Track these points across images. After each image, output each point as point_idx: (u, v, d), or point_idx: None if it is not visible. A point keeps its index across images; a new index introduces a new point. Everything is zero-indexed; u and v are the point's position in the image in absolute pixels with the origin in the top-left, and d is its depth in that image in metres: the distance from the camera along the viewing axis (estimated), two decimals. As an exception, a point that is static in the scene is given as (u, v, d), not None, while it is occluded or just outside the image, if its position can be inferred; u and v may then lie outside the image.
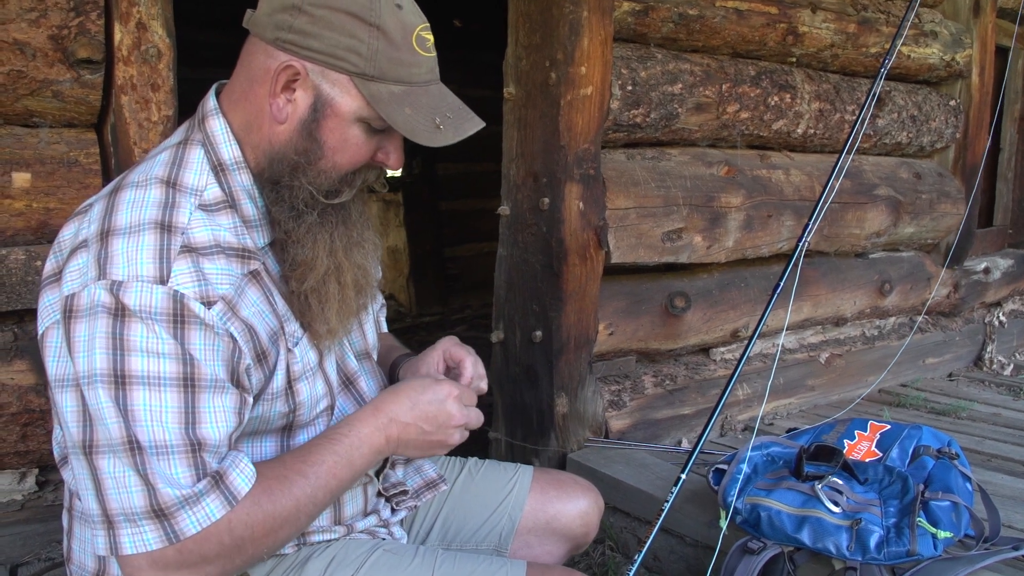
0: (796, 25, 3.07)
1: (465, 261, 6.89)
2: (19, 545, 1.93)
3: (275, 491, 1.15)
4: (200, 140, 1.23)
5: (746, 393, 3.11)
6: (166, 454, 1.08)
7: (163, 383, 1.08)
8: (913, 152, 3.87)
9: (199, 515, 1.09)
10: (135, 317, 1.07)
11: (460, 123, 1.24)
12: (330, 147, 1.21)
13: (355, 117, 1.20)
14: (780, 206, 3.11)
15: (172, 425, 1.08)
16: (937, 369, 4.03)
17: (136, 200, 1.14)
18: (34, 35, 1.71)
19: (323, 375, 1.33)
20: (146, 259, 1.09)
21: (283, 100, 1.20)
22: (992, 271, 4.36)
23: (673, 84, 2.73)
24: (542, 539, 1.65)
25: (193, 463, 1.09)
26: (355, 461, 1.23)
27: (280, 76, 1.18)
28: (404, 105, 1.19)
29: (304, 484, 1.18)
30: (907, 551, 1.82)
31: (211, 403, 1.12)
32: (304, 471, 1.19)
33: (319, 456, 1.21)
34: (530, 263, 2.64)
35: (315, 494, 1.19)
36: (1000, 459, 2.82)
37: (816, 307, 3.40)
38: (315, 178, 1.22)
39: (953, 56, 3.77)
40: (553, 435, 2.65)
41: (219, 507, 1.10)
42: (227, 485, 1.12)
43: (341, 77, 1.18)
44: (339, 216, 1.27)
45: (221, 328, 1.13)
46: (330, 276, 1.26)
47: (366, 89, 1.18)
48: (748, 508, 1.99)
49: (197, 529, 1.08)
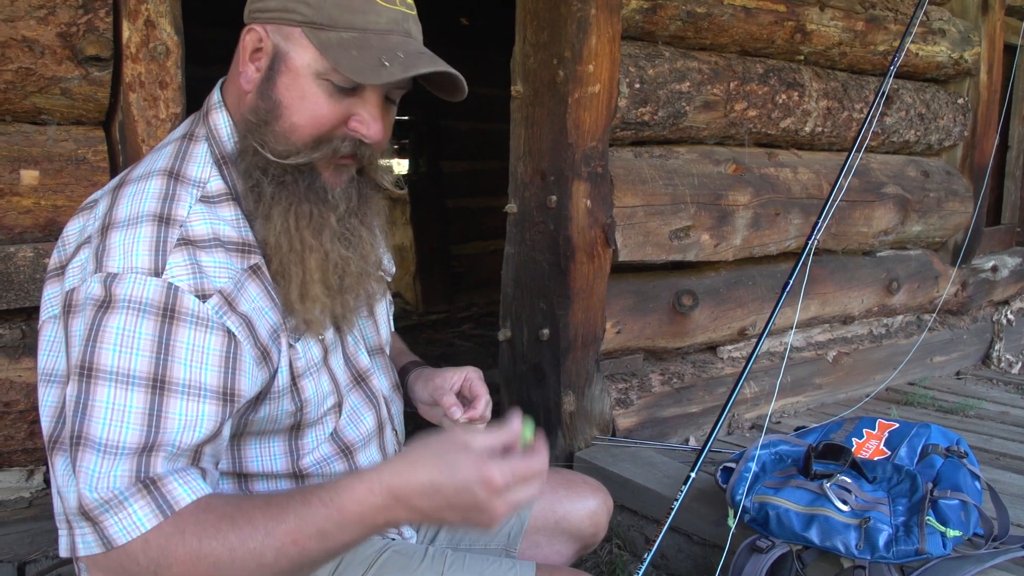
0: (804, 23, 3.06)
1: (471, 259, 6.89)
2: (27, 542, 1.93)
3: (208, 527, 0.99)
4: (204, 134, 1.22)
5: (754, 391, 3.10)
6: (113, 455, 1.00)
7: (131, 382, 1.02)
8: (921, 150, 3.85)
9: (125, 522, 0.98)
10: (118, 308, 1.03)
11: (412, 62, 1.14)
12: (285, 105, 1.15)
13: (311, 72, 1.14)
14: (788, 204, 3.11)
15: (132, 426, 1.01)
16: (945, 367, 4.02)
17: (137, 193, 1.13)
18: (43, 32, 1.72)
19: (328, 371, 1.29)
20: (142, 251, 1.06)
21: (252, 69, 1.18)
22: (1000, 269, 4.35)
23: (681, 82, 2.72)
24: (551, 539, 1.64)
25: (135, 467, 1.00)
26: (330, 534, 1.01)
27: (246, 43, 1.17)
28: (351, 48, 1.12)
29: (250, 532, 0.99)
30: (916, 550, 1.81)
31: (182, 410, 1.04)
32: (254, 520, 1.00)
33: (282, 512, 1.01)
34: (537, 261, 2.63)
35: (261, 552, 0.99)
36: (1009, 457, 2.82)
37: (824, 305, 3.39)
38: (268, 139, 1.16)
39: (961, 54, 3.76)
40: (560, 433, 2.65)
41: (148, 516, 0.99)
42: (162, 492, 1.00)
43: (294, 31, 1.14)
44: (304, 191, 1.17)
45: (216, 322, 1.08)
46: (291, 257, 1.17)
47: (315, 38, 1.13)
48: (756, 506, 1.98)
49: (126, 538, 0.98)
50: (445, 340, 5.59)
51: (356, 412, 1.36)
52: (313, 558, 1.02)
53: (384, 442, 1.42)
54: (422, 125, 6.76)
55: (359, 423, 1.36)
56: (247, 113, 1.18)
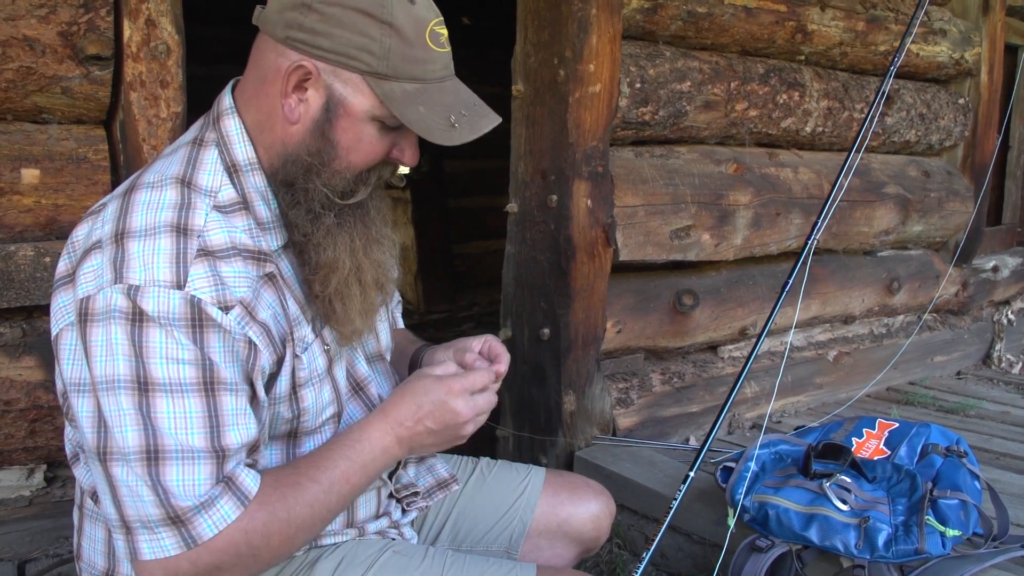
0: (805, 23, 3.06)
1: (473, 258, 6.89)
2: (27, 541, 1.93)
3: (289, 498, 1.14)
4: (215, 140, 1.22)
5: (754, 391, 3.10)
6: (192, 460, 1.07)
7: (185, 389, 1.07)
8: (922, 150, 3.85)
9: (215, 518, 1.08)
10: (153, 322, 1.06)
11: (475, 120, 1.22)
12: (344, 147, 1.19)
13: (368, 116, 1.18)
14: (788, 204, 3.11)
15: (197, 431, 1.08)
16: (945, 367, 4.02)
17: (151, 201, 1.12)
18: (43, 31, 1.72)
19: (331, 382, 1.31)
20: (163, 263, 1.07)
21: (295, 100, 1.17)
22: (1001, 269, 4.35)
23: (682, 82, 2.72)
24: (553, 542, 1.63)
25: (215, 470, 1.09)
26: (368, 466, 1.23)
27: (292, 76, 1.16)
28: (418, 104, 1.16)
29: (317, 490, 1.17)
30: (915, 549, 1.81)
31: (233, 407, 1.11)
32: (317, 477, 1.18)
33: (332, 462, 1.20)
34: (538, 260, 2.64)
35: (328, 500, 1.18)
36: (1009, 457, 2.82)
37: (824, 305, 3.39)
38: (330, 179, 1.20)
39: (962, 54, 3.75)
40: (561, 432, 2.65)
41: (233, 508, 1.10)
42: (237, 486, 1.11)
43: (353, 76, 1.16)
44: (357, 215, 1.25)
45: (239, 333, 1.12)
46: (352, 277, 1.24)
47: (379, 88, 1.15)
48: (756, 506, 1.98)
49: (214, 532, 1.08)
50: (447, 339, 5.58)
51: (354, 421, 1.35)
52: (358, 490, 1.24)
53: None
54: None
55: None
56: (300, 151, 1.20)
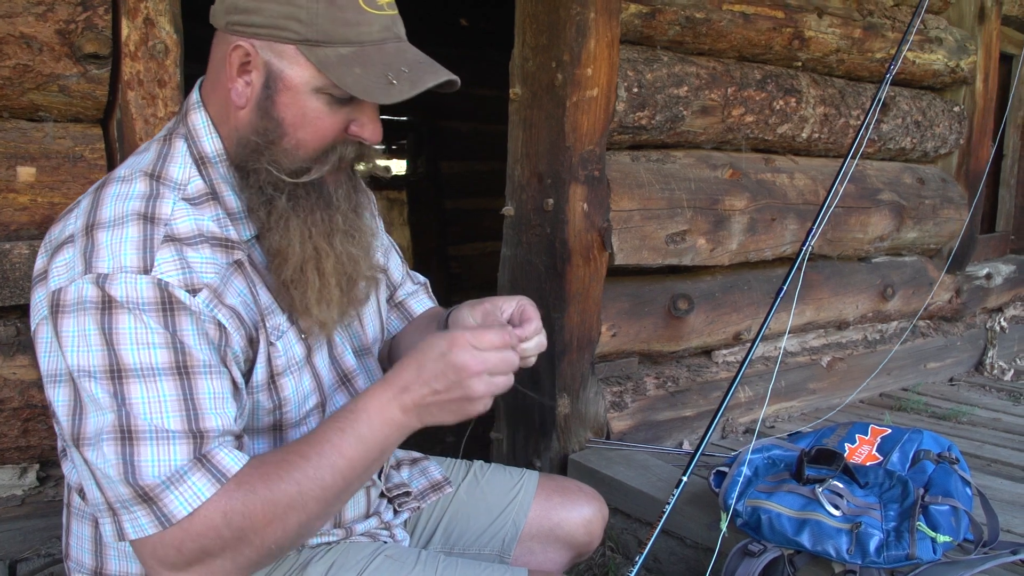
0: (802, 30, 3.07)
1: (469, 260, 6.89)
2: (19, 541, 1.93)
3: (272, 476, 1.10)
4: (183, 134, 1.23)
5: (748, 396, 3.11)
6: (167, 441, 1.06)
7: (157, 373, 1.07)
8: (917, 157, 3.87)
9: (187, 494, 1.06)
10: (123, 308, 1.06)
11: (418, 76, 1.16)
12: (289, 123, 1.17)
13: (310, 88, 1.15)
14: (784, 210, 3.11)
15: (173, 414, 1.07)
16: (938, 373, 4.04)
17: (121, 194, 1.14)
18: (41, 29, 1.72)
19: (311, 370, 1.30)
20: (130, 250, 1.09)
21: (241, 84, 1.18)
22: (994, 277, 4.36)
23: (679, 87, 2.73)
24: (545, 546, 1.63)
25: (192, 451, 1.07)
26: (365, 436, 1.14)
27: (233, 59, 1.17)
28: (354, 66, 1.13)
29: (305, 465, 1.11)
30: (906, 555, 1.82)
31: (210, 390, 1.10)
32: (305, 452, 1.12)
33: (322, 436, 1.14)
34: (534, 264, 2.64)
35: (320, 475, 1.11)
36: (1000, 464, 2.83)
37: (818, 310, 3.40)
38: (279, 158, 1.18)
39: (958, 62, 3.77)
40: (555, 436, 2.65)
41: (207, 485, 1.07)
42: (213, 463, 1.08)
43: (287, 48, 1.14)
44: (315, 200, 1.22)
45: (207, 315, 1.11)
46: (308, 264, 1.21)
47: (313, 56, 1.13)
48: (749, 510, 1.99)
49: (188, 510, 1.05)
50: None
51: None
52: (359, 468, 1.15)
53: None
54: (421, 126, 6.76)
55: None
56: (249, 133, 1.19)
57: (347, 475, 1.14)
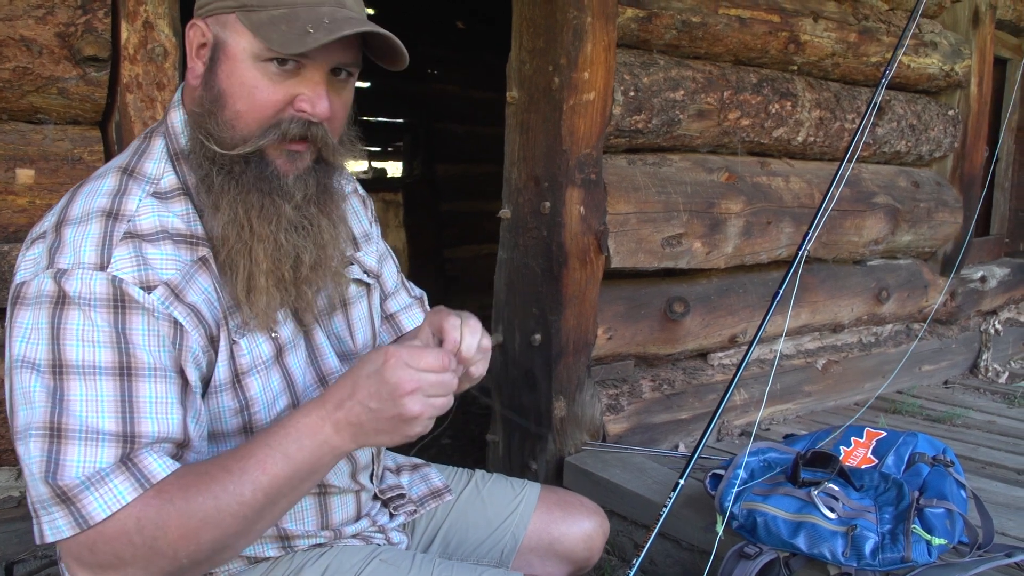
0: (798, 34, 3.08)
1: (465, 262, 6.89)
2: (15, 542, 1.93)
3: (191, 487, 1.05)
4: (163, 131, 1.24)
5: (743, 398, 3.12)
6: (95, 442, 1.04)
7: (99, 372, 1.06)
8: (912, 161, 3.88)
9: (106, 496, 1.02)
10: (74, 305, 1.06)
11: (338, 26, 1.12)
12: (228, 94, 1.15)
13: (249, 55, 1.14)
14: (779, 213, 3.13)
15: (108, 415, 1.05)
16: (933, 376, 4.05)
17: (91, 191, 1.16)
18: (41, 32, 1.72)
19: (281, 370, 1.27)
20: (89, 247, 1.09)
21: (199, 65, 1.19)
22: (988, 280, 4.38)
23: (675, 90, 2.74)
24: (544, 560, 1.63)
25: (119, 454, 1.04)
26: (293, 454, 1.08)
27: (190, 38, 1.18)
28: (280, 23, 1.12)
29: (226, 480, 1.06)
30: (902, 557, 1.83)
31: (152, 394, 1.08)
32: (229, 466, 1.07)
33: (249, 450, 1.09)
34: (530, 267, 2.65)
35: (240, 490, 1.06)
36: (994, 466, 2.84)
37: (814, 313, 3.41)
38: (213, 129, 1.15)
39: (952, 66, 3.79)
40: (551, 438, 2.66)
41: (128, 489, 1.03)
42: (139, 468, 1.05)
43: (229, 18, 1.15)
44: (253, 180, 1.17)
45: (162, 313, 1.10)
46: (237, 248, 1.17)
47: (248, 20, 1.13)
48: (745, 513, 1.99)
49: (106, 512, 1.02)
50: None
51: None
52: (284, 486, 1.09)
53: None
54: (417, 128, 6.77)
55: None
56: (194, 106, 1.20)
57: (270, 493, 1.08)
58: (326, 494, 1.36)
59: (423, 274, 6.60)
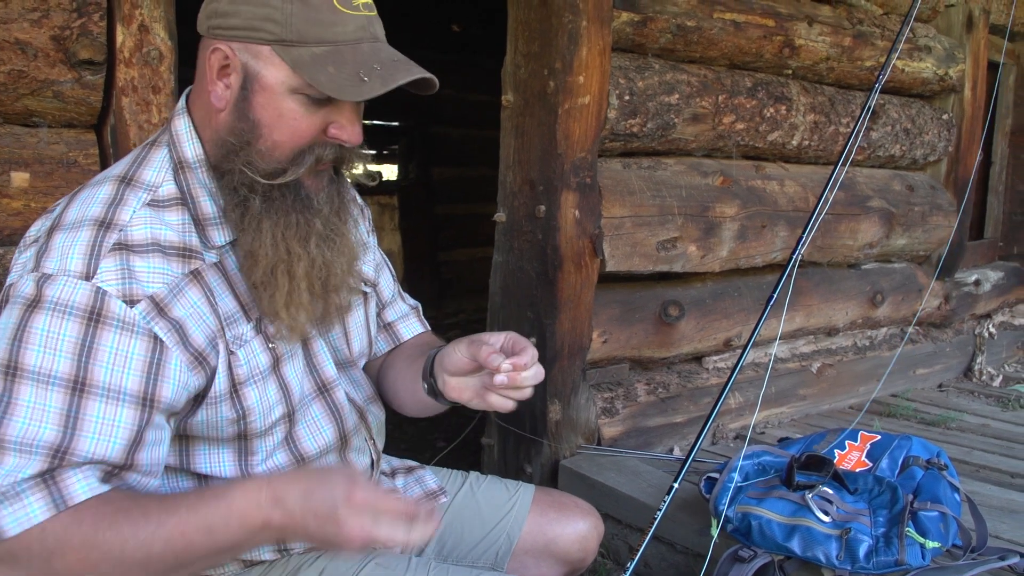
0: (792, 38, 3.09)
1: (460, 265, 6.90)
2: None
3: (105, 519, 1.02)
4: (166, 140, 1.25)
5: (738, 402, 3.12)
6: (28, 453, 1.02)
7: (51, 382, 1.05)
8: (906, 165, 3.90)
9: (19, 514, 1.01)
10: (45, 309, 1.06)
11: (391, 73, 1.15)
12: (265, 124, 1.17)
13: (286, 88, 1.15)
14: (774, 216, 3.13)
15: (51, 426, 1.03)
16: (927, 379, 4.06)
17: (88, 197, 1.16)
18: (36, 35, 1.72)
19: (277, 380, 1.27)
20: (77, 254, 1.09)
21: (221, 87, 1.19)
22: (983, 283, 4.39)
23: (670, 94, 2.75)
24: (539, 561, 1.63)
25: (44, 467, 1.02)
26: (216, 530, 1.04)
27: (212, 62, 1.18)
28: (327, 65, 1.13)
29: (142, 525, 1.02)
30: (895, 560, 1.83)
31: (100, 414, 1.06)
32: (149, 512, 1.04)
33: (176, 505, 1.05)
34: (525, 270, 2.65)
35: (150, 542, 1.02)
36: (988, 470, 2.84)
37: (808, 317, 3.42)
38: (253, 159, 1.18)
39: (946, 71, 3.80)
40: (546, 441, 2.66)
41: (42, 508, 1.01)
42: (58, 486, 1.03)
43: (263, 49, 1.15)
44: (291, 203, 1.20)
45: (142, 327, 1.10)
46: (279, 267, 1.19)
47: (288, 56, 1.14)
48: (739, 516, 2.00)
49: (17, 530, 1.00)
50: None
51: (316, 423, 1.34)
52: (198, 555, 1.05)
53: (346, 455, 1.40)
54: (413, 131, 6.77)
55: (318, 435, 1.34)
56: (225, 134, 1.19)
57: (181, 556, 1.04)
58: None
59: (419, 277, 6.60)
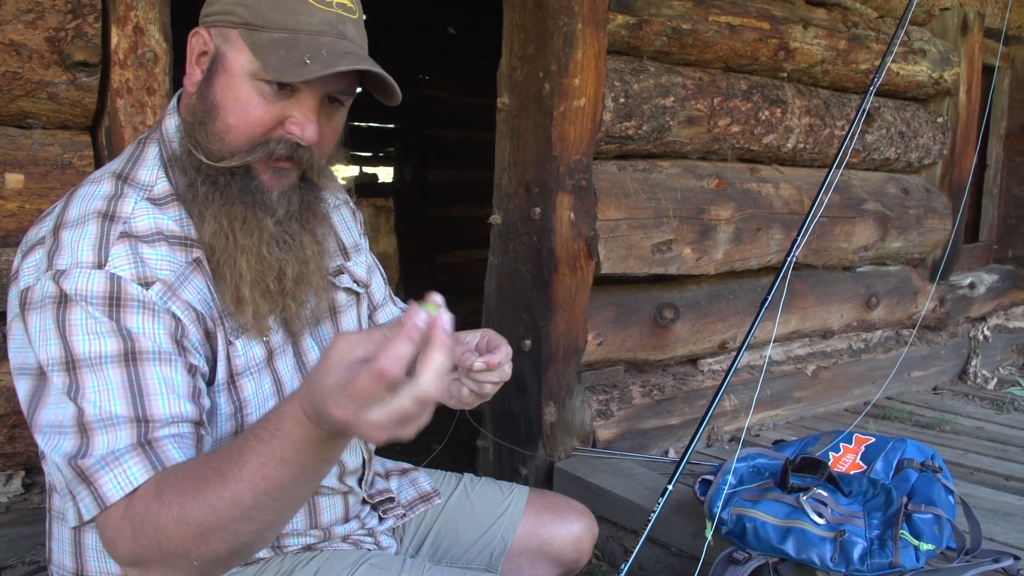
0: (788, 41, 3.10)
1: (455, 268, 6.90)
2: (3, 548, 1.91)
3: (189, 492, 1.00)
4: (157, 138, 1.25)
5: (733, 404, 3.12)
6: (114, 427, 1.05)
7: (105, 361, 1.08)
8: (901, 168, 3.90)
9: (120, 478, 1.03)
10: (73, 303, 1.08)
11: (335, 59, 1.13)
12: (221, 106, 1.17)
13: (246, 73, 1.15)
14: (769, 219, 3.14)
15: (119, 400, 1.07)
16: (922, 382, 4.06)
17: (87, 194, 1.17)
18: (31, 36, 1.72)
19: (271, 374, 1.28)
20: (87, 247, 1.11)
21: (198, 72, 1.21)
22: (977, 286, 4.40)
23: (665, 97, 2.75)
24: (533, 562, 1.63)
25: (136, 435, 1.06)
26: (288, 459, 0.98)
27: (192, 45, 1.20)
28: (280, 48, 1.13)
29: (223, 485, 0.99)
30: (890, 563, 1.83)
31: (159, 376, 1.09)
32: (224, 472, 1.00)
33: (242, 456, 1.00)
34: (520, 272, 2.65)
35: (240, 496, 0.99)
36: (983, 472, 2.85)
37: (803, 320, 3.42)
38: (203, 140, 1.17)
39: (941, 74, 3.81)
40: (541, 444, 2.66)
41: (141, 470, 1.04)
42: (156, 452, 1.06)
43: (232, 32, 1.16)
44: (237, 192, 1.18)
45: (161, 307, 1.12)
46: (224, 260, 1.19)
47: (249, 39, 1.15)
48: (734, 519, 2.00)
49: (120, 493, 1.02)
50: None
51: None
52: (285, 485, 1.00)
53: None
54: (409, 133, 6.77)
55: None
56: (186, 114, 1.22)
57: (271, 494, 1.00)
58: (315, 494, 1.37)
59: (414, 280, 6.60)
